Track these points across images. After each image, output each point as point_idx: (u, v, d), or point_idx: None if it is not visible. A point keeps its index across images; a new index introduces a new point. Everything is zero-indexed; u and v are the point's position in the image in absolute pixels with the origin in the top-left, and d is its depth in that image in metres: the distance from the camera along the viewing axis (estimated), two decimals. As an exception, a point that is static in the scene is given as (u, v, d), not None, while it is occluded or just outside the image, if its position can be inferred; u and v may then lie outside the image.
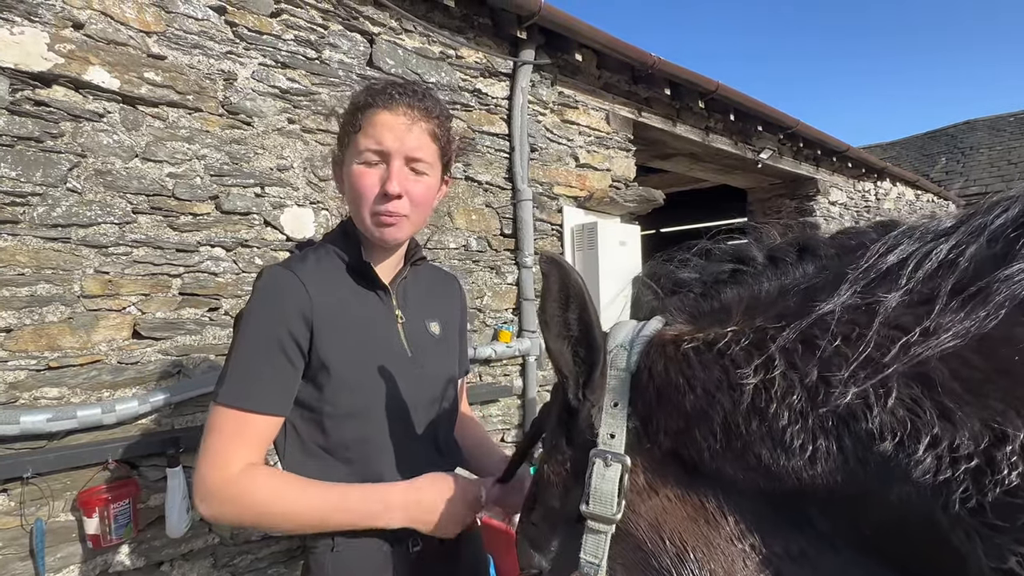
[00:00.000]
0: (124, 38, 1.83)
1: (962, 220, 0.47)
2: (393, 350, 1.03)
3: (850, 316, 0.46)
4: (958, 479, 0.40)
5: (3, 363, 1.63)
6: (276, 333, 0.92)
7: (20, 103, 1.65)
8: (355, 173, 0.97)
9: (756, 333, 0.50)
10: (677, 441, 0.52)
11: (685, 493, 0.52)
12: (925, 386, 0.41)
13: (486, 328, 2.92)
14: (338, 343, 0.96)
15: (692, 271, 0.61)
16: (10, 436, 1.59)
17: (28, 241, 1.67)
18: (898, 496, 0.42)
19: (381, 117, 0.96)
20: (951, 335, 0.41)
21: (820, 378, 0.45)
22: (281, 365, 0.92)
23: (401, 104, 0.98)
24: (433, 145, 1.01)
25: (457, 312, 1.24)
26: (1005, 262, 0.43)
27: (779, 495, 0.48)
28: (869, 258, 0.48)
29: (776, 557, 0.49)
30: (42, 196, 1.69)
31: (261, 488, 0.88)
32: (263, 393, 0.90)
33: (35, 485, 1.65)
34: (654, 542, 0.52)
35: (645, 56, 3.46)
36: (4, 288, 1.63)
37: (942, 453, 0.40)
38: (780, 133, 5.01)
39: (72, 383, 1.73)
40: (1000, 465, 0.38)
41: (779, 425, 0.46)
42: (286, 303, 0.93)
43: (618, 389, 0.55)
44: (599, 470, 0.53)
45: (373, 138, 0.95)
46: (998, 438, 0.38)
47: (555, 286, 0.57)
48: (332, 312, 0.96)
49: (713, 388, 0.50)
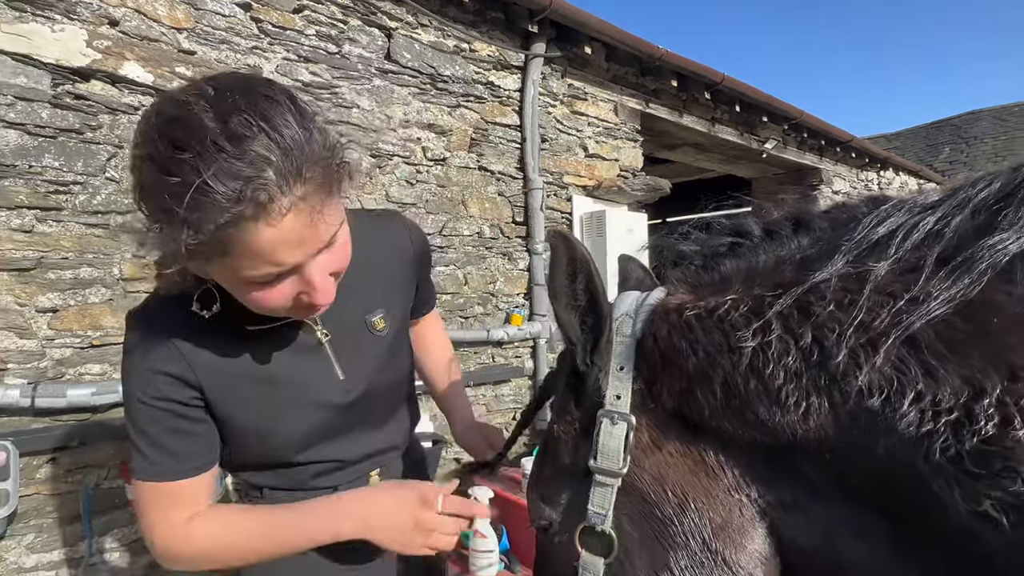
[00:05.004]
0: (156, 34, 1.86)
1: (948, 194, 0.48)
2: (314, 383, 0.82)
3: (843, 284, 0.47)
4: (939, 430, 0.41)
5: (50, 341, 1.68)
6: (163, 407, 0.73)
7: (61, 97, 1.69)
8: (250, 295, 0.66)
9: (754, 301, 0.51)
10: (679, 401, 0.54)
11: (686, 448, 0.54)
12: (911, 347, 0.43)
13: (498, 312, 2.95)
14: (235, 400, 0.77)
15: (693, 244, 0.62)
16: (58, 408, 1.64)
17: (71, 227, 1.71)
18: (884, 448, 0.44)
19: (263, 236, 0.59)
20: (937, 301, 0.43)
21: (814, 340, 0.46)
22: (185, 431, 0.75)
23: (281, 196, 0.58)
24: (333, 200, 0.66)
25: (408, 266, 0.96)
26: (988, 232, 0.44)
27: (774, 449, 0.49)
28: (861, 230, 0.49)
29: (770, 506, 0.51)
30: (83, 185, 1.73)
31: (211, 537, 0.77)
32: (177, 462, 0.75)
33: (82, 454, 1.71)
34: (657, 493, 0.54)
35: (652, 48, 3.43)
36: (50, 271, 1.68)
37: (925, 407, 0.42)
38: (785, 124, 4.95)
39: (114, 360, 1.78)
40: (978, 417, 0.39)
41: (775, 384, 0.48)
42: (159, 376, 0.72)
43: (623, 354, 0.57)
44: (606, 428, 0.55)
45: (265, 263, 0.61)
46: (977, 393, 0.40)
47: (563, 259, 0.58)
48: (223, 374, 0.75)
49: (714, 351, 0.51)
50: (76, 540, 1.72)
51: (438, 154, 2.70)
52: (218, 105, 0.58)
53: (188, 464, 0.76)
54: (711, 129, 4.41)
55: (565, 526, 0.59)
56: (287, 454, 0.83)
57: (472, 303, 2.82)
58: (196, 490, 0.77)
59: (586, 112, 3.41)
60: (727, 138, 4.59)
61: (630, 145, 3.69)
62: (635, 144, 3.73)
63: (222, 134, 0.56)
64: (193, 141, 0.56)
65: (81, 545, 1.72)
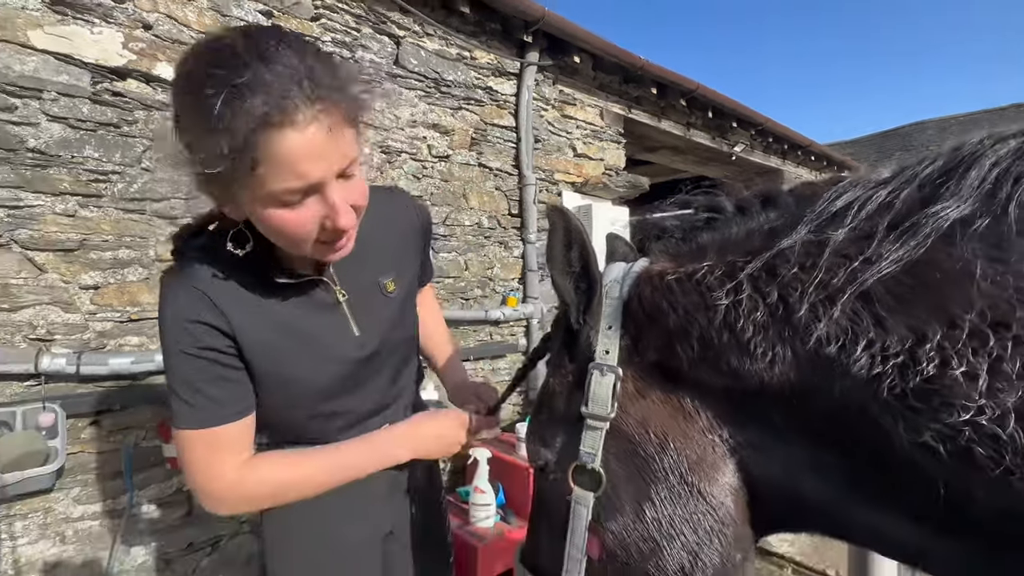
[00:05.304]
0: (186, 38, 1.83)
1: (897, 172, 0.49)
2: (333, 338, 0.82)
3: (805, 249, 0.48)
4: (887, 372, 0.42)
5: (92, 315, 1.67)
6: (204, 355, 0.71)
7: (100, 94, 1.66)
8: (278, 219, 0.64)
9: (727, 266, 0.52)
10: (661, 354, 0.55)
11: (667, 396, 0.55)
12: (865, 301, 0.44)
13: (495, 294, 2.95)
14: (263, 349, 0.75)
15: (673, 220, 0.63)
16: (100, 375, 1.64)
17: (110, 212, 1.69)
18: (839, 390, 0.45)
19: (289, 142, 0.59)
20: (888, 261, 0.44)
21: (780, 298, 0.47)
22: (225, 377, 0.73)
23: (305, 107, 0.59)
24: (352, 131, 0.66)
25: (414, 236, 0.96)
26: (931, 203, 0.45)
27: (743, 395, 0.50)
28: (822, 204, 0.50)
29: (739, 445, 0.52)
30: (121, 174, 1.71)
31: (267, 480, 0.77)
32: (220, 408, 0.73)
33: (122, 417, 1.71)
34: (641, 435, 0.55)
35: (635, 59, 3.41)
36: (92, 252, 1.66)
37: (875, 353, 0.43)
38: (752, 129, 4.95)
39: (150, 333, 1.77)
40: (921, 359, 0.41)
41: (745, 337, 0.49)
42: (199, 325, 0.70)
43: (612, 315, 0.58)
44: (596, 379, 0.56)
45: (291, 175, 0.60)
46: (920, 339, 0.41)
47: (559, 230, 0.58)
48: (254, 324, 0.74)
49: (692, 309, 0.52)
50: (117, 494, 1.73)
51: (442, 152, 2.68)
52: (250, 36, 0.60)
53: (230, 409, 0.74)
54: (686, 133, 4.40)
55: (560, 465, 0.60)
56: (307, 404, 0.82)
57: (472, 286, 2.83)
58: (240, 435, 0.75)
59: (575, 116, 3.40)
60: (700, 141, 4.58)
61: (614, 147, 3.68)
62: (618, 146, 3.73)
63: (254, 55, 0.58)
64: (227, 60, 0.58)
65: (122, 498, 1.73)
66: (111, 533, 1.71)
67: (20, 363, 1.51)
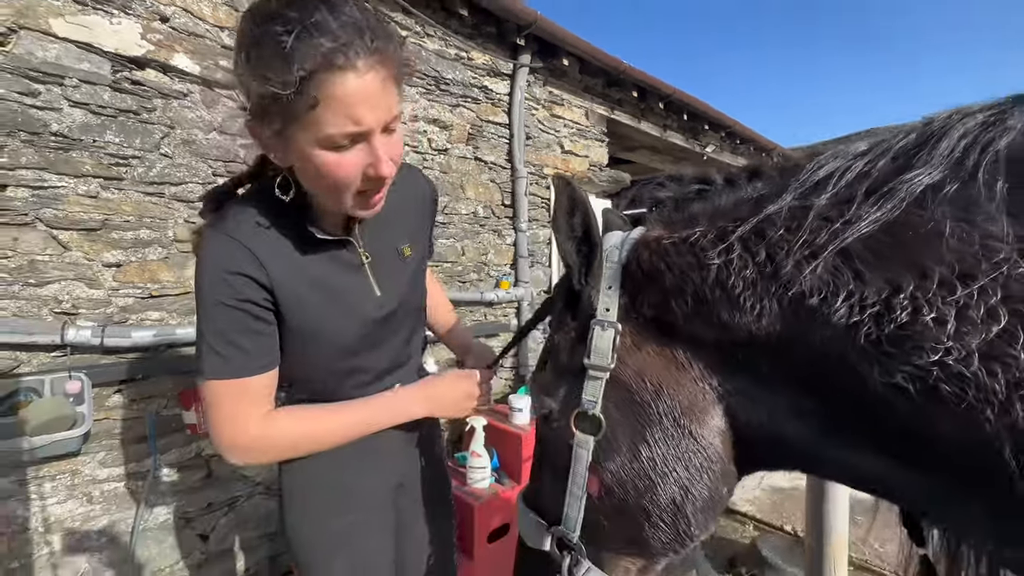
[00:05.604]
0: (202, 31, 1.77)
1: (873, 145, 0.50)
2: (358, 296, 0.81)
3: (791, 213, 0.49)
4: (864, 321, 0.43)
5: (115, 291, 1.64)
6: (240, 307, 0.69)
7: (120, 82, 1.61)
8: (325, 163, 0.63)
9: (718, 231, 0.52)
10: (657, 311, 0.55)
11: (661, 348, 0.55)
12: (845, 257, 0.44)
13: (490, 278, 2.95)
14: (296, 302, 0.73)
15: (667, 191, 0.63)
16: (123, 347, 1.61)
17: (131, 195, 1.65)
18: (820, 339, 0.45)
19: (349, 85, 0.58)
20: (866, 222, 0.44)
21: (768, 256, 0.48)
22: (257, 330, 0.71)
23: (365, 56, 0.59)
24: (396, 89, 0.65)
25: (425, 208, 0.96)
26: (905, 171, 0.45)
27: (732, 346, 0.51)
28: (805, 174, 0.51)
29: (727, 392, 0.53)
30: (140, 159, 1.66)
31: (288, 432, 0.75)
32: (249, 359, 0.71)
33: (145, 386, 1.68)
34: (638, 384, 0.56)
35: (618, 63, 3.39)
36: (114, 232, 1.62)
37: (854, 303, 0.43)
38: (722, 131, 4.97)
39: (170, 309, 1.74)
40: (895, 308, 0.41)
41: (736, 292, 0.49)
42: (239, 277, 0.68)
43: (612, 276, 0.58)
44: (598, 333, 0.57)
45: (346, 118, 0.60)
46: (895, 289, 0.42)
47: (564, 199, 0.58)
48: (289, 278, 0.72)
49: (687, 269, 0.52)
50: (140, 457, 1.70)
51: (441, 145, 2.65)
52: None
53: (257, 362, 0.71)
54: (663, 134, 4.41)
55: (563, 413, 0.61)
56: (331, 360, 0.80)
57: (468, 271, 2.82)
58: (265, 387, 0.73)
59: (563, 115, 3.38)
60: (675, 142, 4.59)
61: (598, 145, 3.67)
62: (602, 144, 3.72)
63: (322, 3, 0.59)
64: (299, 3, 0.58)
65: (146, 461, 1.71)
66: (134, 494, 1.69)
67: (47, 334, 1.48)
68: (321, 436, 0.78)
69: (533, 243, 3.19)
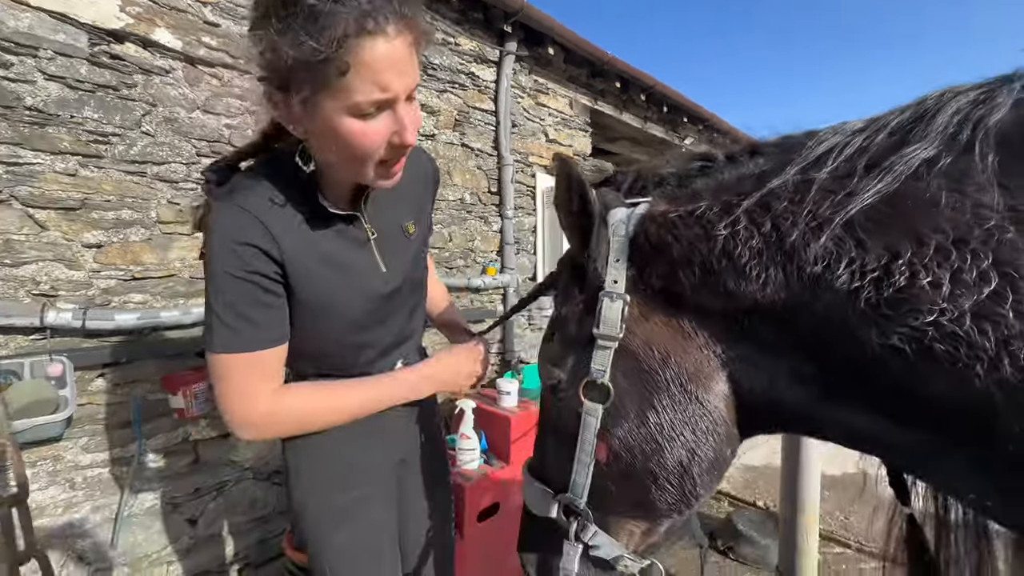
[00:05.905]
0: (184, 5, 1.70)
1: (870, 121, 0.52)
2: (365, 272, 0.80)
3: (795, 187, 0.50)
4: (865, 286, 0.45)
5: (96, 273, 1.57)
6: (250, 279, 0.67)
7: (98, 56, 1.53)
8: (351, 131, 0.62)
9: (724, 204, 0.54)
10: (665, 282, 0.56)
11: (668, 318, 0.57)
12: (848, 227, 0.46)
13: (476, 264, 2.94)
14: (305, 276, 0.72)
15: (670, 168, 0.64)
16: (107, 330, 1.55)
17: (111, 173, 1.58)
18: (823, 304, 0.47)
19: (379, 50, 0.57)
20: (868, 193, 0.46)
21: (773, 227, 0.49)
22: (267, 303, 0.70)
23: (395, 21, 0.58)
24: (418, 57, 0.64)
25: (428, 186, 0.95)
26: (903, 146, 0.47)
27: (737, 314, 0.52)
28: (806, 150, 0.52)
29: (731, 360, 0.55)
30: (121, 136, 1.59)
31: (298, 409, 0.74)
32: (260, 332, 0.69)
33: (129, 370, 1.63)
34: (646, 352, 0.57)
35: (602, 53, 3.39)
36: (94, 211, 1.55)
37: (855, 269, 0.45)
38: (700, 124, 5.02)
39: (154, 291, 1.68)
40: (894, 273, 0.43)
41: (742, 262, 0.51)
42: (249, 248, 0.67)
43: (619, 249, 0.59)
44: (607, 304, 0.57)
45: (375, 85, 0.59)
46: (894, 256, 0.44)
47: (564, 179, 0.59)
48: (300, 251, 0.71)
49: (694, 240, 0.54)
50: (124, 443, 1.66)
51: (428, 131, 2.62)
52: None
53: (267, 335, 0.70)
54: (644, 126, 4.44)
55: (571, 383, 0.62)
56: (339, 334, 0.79)
57: (455, 257, 2.81)
58: (274, 361, 0.72)
59: (548, 104, 3.37)
60: (655, 134, 4.62)
61: (581, 134, 3.68)
62: (585, 134, 3.73)
63: None
64: None
65: (130, 447, 1.66)
66: (118, 480, 1.65)
67: (25, 316, 1.41)
68: (331, 414, 0.77)
69: (519, 230, 3.19)
